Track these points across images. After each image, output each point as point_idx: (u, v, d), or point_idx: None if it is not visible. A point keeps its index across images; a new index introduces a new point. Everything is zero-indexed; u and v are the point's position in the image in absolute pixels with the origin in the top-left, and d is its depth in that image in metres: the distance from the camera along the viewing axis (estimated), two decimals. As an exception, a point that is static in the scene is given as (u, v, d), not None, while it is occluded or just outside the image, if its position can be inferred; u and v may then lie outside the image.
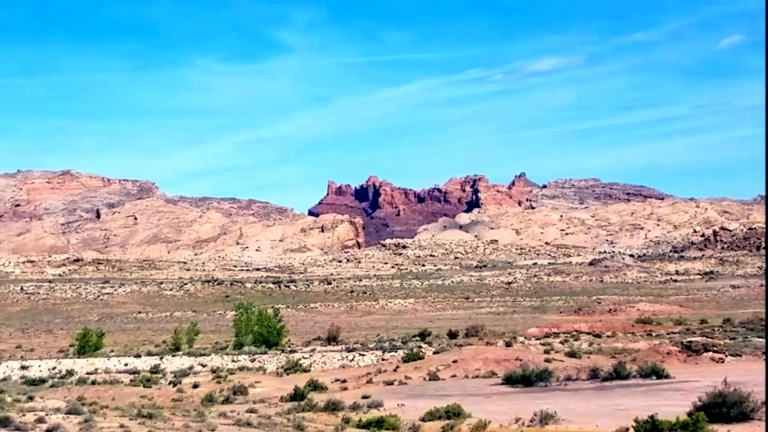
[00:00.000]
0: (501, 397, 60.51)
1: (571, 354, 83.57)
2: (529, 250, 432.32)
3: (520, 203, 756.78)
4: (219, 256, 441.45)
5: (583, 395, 59.57)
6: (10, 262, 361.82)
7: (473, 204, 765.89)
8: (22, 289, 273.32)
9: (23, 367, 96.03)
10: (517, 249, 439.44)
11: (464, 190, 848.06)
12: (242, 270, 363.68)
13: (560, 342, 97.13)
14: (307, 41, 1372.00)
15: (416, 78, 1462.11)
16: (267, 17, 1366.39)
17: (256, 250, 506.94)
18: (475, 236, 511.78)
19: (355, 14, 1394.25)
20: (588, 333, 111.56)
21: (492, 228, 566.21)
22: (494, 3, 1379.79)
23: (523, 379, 66.87)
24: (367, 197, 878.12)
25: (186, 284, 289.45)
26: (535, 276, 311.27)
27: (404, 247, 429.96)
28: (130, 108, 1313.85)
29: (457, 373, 76.99)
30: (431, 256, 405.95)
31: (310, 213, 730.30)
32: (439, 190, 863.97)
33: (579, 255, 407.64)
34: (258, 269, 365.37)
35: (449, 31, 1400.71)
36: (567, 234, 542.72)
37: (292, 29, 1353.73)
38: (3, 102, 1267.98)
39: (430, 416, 47.44)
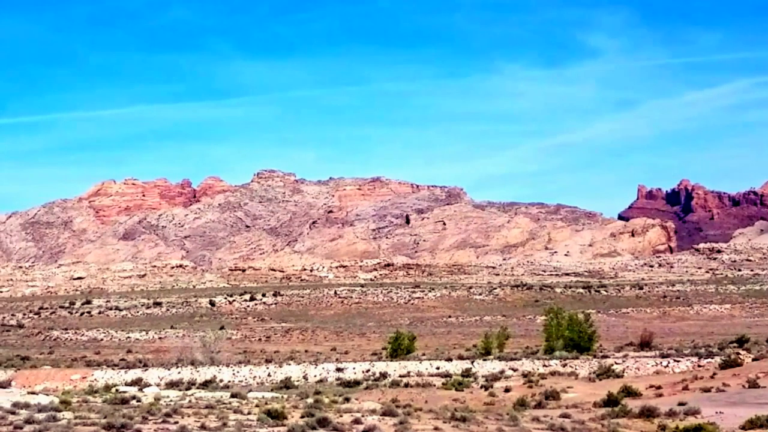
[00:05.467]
0: (827, 406, 57.68)
1: None
2: None
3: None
4: (527, 261, 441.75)
5: None
6: (324, 267, 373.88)
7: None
8: (335, 293, 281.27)
9: (338, 369, 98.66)
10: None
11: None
12: (551, 275, 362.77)
13: None
14: (615, 44, 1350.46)
15: (729, 79, 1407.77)
16: (574, 22, 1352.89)
17: (565, 254, 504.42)
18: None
19: (666, 16, 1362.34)
20: None
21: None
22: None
23: None
24: (679, 201, 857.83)
25: (495, 289, 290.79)
26: None
27: (719, 251, 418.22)
28: (436, 115, 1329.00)
29: (778, 380, 74.01)
30: (748, 260, 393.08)
31: (620, 217, 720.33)
32: (755, 193, 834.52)
33: None
34: (567, 274, 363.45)
35: (764, 29, 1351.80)
36: None
37: (601, 33, 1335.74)
38: (315, 112, 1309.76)
39: (751, 425, 45.78)
